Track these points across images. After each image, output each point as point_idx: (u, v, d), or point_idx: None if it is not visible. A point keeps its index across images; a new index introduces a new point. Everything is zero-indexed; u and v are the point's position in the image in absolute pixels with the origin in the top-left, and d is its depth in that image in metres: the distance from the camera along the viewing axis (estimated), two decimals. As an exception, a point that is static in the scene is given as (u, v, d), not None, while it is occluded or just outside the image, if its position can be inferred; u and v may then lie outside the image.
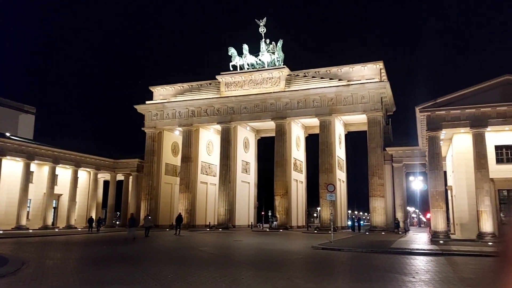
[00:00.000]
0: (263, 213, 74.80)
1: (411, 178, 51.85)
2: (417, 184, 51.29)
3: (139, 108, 56.99)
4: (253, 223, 58.64)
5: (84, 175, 58.13)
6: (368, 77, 46.82)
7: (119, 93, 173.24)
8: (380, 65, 47.21)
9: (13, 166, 47.48)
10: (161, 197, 55.78)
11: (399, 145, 47.17)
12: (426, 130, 32.25)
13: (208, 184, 57.61)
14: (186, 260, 17.66)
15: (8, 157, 45.95)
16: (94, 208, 58.48)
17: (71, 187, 54.04)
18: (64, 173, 54.44)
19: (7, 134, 48.74)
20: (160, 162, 56.46)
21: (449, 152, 38.08)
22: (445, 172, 38.76)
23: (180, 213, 43.41)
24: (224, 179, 50.90)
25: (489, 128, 30.01)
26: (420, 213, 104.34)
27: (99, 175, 60.49)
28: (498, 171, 30.38)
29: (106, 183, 63.86)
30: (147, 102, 57.17)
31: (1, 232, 38.54)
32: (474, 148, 30.15)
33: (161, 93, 57.71)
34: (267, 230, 48.73)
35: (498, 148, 31.17)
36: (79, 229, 50.15)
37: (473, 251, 20.92)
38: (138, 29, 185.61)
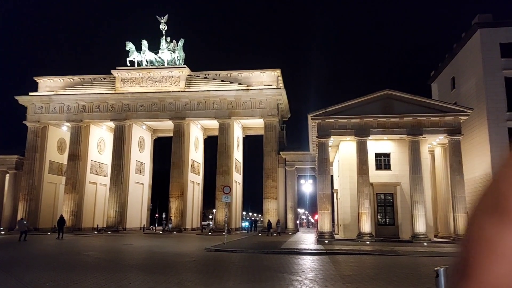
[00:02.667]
0: (157, 215, 72.70)
1: (302, 181, 54.87)
2: (307, 187, 54.46)
3: (21, 99, 51.48)
4: (145, 226, 56.68)
5: None
6: (266, 83, 48.41)
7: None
8: (277, 72, 49.13)
9: None
10: (43, 197, 50.92)
11: (292, 149, 49.60)
12: (317, 137, 34.35)
13: (98, 184, 54.18)
14: (68, 265, 16.30)
15: None
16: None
17: None
18: None
19: None
20: (44, 160, 51.51)
21: (336, 158, 41.03)
22: (332, 177, 41.71)
23: (62, 215, 40.00)
24: (115, 180, 48.35)
25: (370, 137, 33.00)
26: (309, 215, 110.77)
27: (-32, 172, 53.25)
28: (376, 176, 33.61)
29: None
30: (30, 93, 51.87)
31: None
32: (357, 154, 32.89)
33: (48, 84, 52.82)
34: (160, 232, 47.46)
35: (377, 155, 34.48)
36: None
37: (353, 250, 22.72)
38: (25, 14, 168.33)
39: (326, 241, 29.96)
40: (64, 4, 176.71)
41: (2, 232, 44.44)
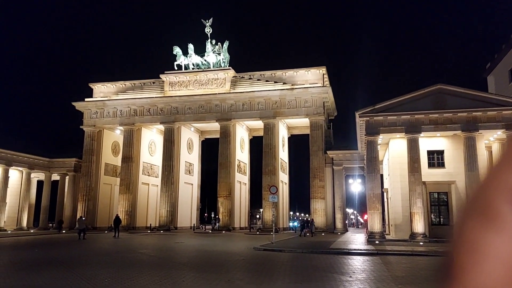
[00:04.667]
0: (206, 214, 74.24)
1: (350, 180, 53.86)
2: (355, 186, 53.41)
3: (78, 105, 54.40)
4: (195, 225, 57.99)
5: (16, 174, 54.43)
6: (311, 81, 48.02)
7: (56, 89, 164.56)
8: (323, 70, 48.59)
9: None
10: (100, 198, 53.52)
11: (340, 148, 48.74)
12: (365, 135, 33.62)
13: (150, 185, 56.16)
14: (124, 263, 17.04)
15: None
16: (26, 210, 55.04)
17: (1, 187, 50.33)
18: (-8, 172, 50.66)
19: None
20: (100, 162, 54.16)
21: (386, 156, 39.96)
22: (382, 175, 40.63)
23: (117, 214, 41.90)
24: (166, 180, 49.87)
25: (422, 134, 31.85)
26: (358, 215, 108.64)
27: (33, 175, 56.91)
28: (429, 174, 32.35)
29: (40, 183, 60.22)
30: (86, 99, 54.68)
31: None
32: (408, 152, 31.85)
33: (102, 90, 55.48)
34: (210, 231, 48.36)
35: (430, 153, 33.21)
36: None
37: (406, 251, 22.04)
38: (80, 23, 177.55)
39: (377, 242, 29.26)
40: (114, 14, 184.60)
41: (63, 231, 47.16)
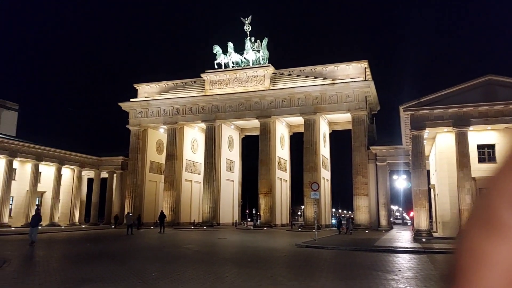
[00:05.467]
0: (247, 211, 74.81)
1: (394, 176, 52.42)
2: (400, 182, 51.87)
3: (124, 105, 56.37)
4: (237, 221, 58.61)
5: (68, 172, 57.23)
6: (353, 76, 47.12)
7: (103, 90, 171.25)
8: (365, 64, 47.55)
9: (-6, 163, 46.47)
10: (146, 195, 55.30)
11: (383, 144, 47.58)
12: (410, 129, 32.63)
13: (193, 182, 57.33)
14: (170, 257, 17.54)
15: (-12, 154, 44.95)
16: (78, 206, 57.79)
17: (55, 184, 53.16)
18: (47, 170, 53.52)
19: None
20: (145, 160, 55.96)
21: (432, 151, 38.61)
22: (428, 171, 39.28)
23: (162, 210, 43.10)
24: (208, 177, 50.72)
25: (471, 128, 30.51)
26: (403, 212, 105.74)
27: (83, 173, 59.66)
28: (479, 169, 30.86)
29: (90, 180, 63.03)
30: (131, 99, 56.57)
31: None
32: (456, 147, 30.61)
33: (146, 90, 57.19)
34: (251, 228, 48.68)
35: (480, 147, 31.72)
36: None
37: (454, 249, 21.20)
38: (123, 26, 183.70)
39: (423, 239, 28.38)
40: (156, 16, 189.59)
41: (113, 226, 49.15)
